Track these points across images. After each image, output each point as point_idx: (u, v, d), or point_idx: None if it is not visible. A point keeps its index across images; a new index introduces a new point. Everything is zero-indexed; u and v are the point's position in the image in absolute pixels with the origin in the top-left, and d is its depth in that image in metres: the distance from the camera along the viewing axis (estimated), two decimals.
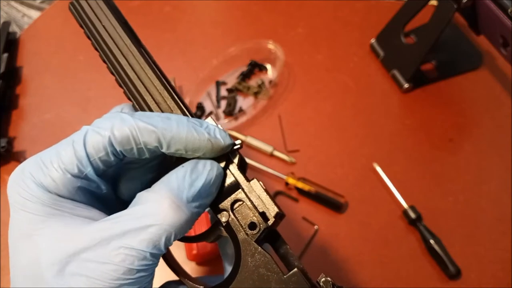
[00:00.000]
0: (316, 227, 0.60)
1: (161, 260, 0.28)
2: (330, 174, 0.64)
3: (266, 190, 0.29)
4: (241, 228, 0.28)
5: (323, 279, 0.27)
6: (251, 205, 0.29)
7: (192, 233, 0.54)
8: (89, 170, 0.26)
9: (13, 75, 0.76)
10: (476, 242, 0.59)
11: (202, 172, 0.27)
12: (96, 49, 0.31)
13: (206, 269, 0.57)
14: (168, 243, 0.25)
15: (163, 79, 0.31)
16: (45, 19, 0.84)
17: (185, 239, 0.31)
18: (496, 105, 0.71)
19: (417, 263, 0.58)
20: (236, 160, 0.29)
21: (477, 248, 0.58)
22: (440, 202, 0.62)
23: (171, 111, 0.30)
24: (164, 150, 0.26)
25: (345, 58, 0.76)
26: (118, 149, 0.26)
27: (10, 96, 0.74)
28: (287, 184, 0.62)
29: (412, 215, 0.59)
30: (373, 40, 0.76)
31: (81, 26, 0.31)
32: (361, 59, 0.76)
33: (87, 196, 0.27)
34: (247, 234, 0.28)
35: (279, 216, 0.29)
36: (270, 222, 0.28)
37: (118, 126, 0.26)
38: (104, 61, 0.31)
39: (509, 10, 0.56)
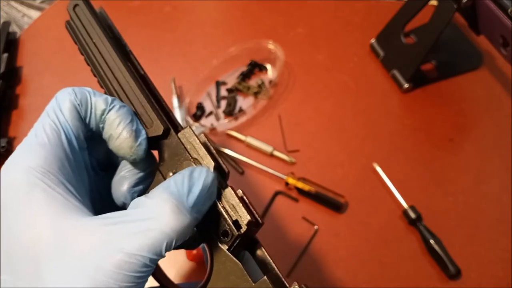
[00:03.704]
0: (316, 227, 0.60)
1: None
2: (330, 174, 0.64)
3: (241, 198, 0.29)
4: (215, 235, 0.29)
5: (293, 287, 0.27)
6: (224, 213, 0.29)
7: None
8: (70, 135, 0.27)
9: (13, 75, 0.76)
10: (476, 242, 0.59)
11: (198, 179, 0.26)
12: (88, 64, 0.33)
13: (206, 269, 0.56)
14: (168, 249, 0.24)
15: (147, 91, 0.32)
16: (45, 19, 0.84)
17: None
18: (496, 105, 0.71)
19: (417, 263, 0.58)
20: (211, 167, 0.30)
21: (477, 248, 0.58)
22: (440, 202, 0.62)
23: (152, 122, 0.30)
24: (103, 116, 0.29)
25: (345, 58, 0.76)
26: (78, 102, 0.28)
27: (10, 96, 0.74)
28: (287, 184, 0.62)
29: (412, 215, 0.59)
30: (373, 40, 0.76)
31: (75, 43, 0.33)
32: (361, 59, 0.76)
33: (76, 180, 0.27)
34: (220, 242, 0.29)
35: (253, 224, 0.29)
36: (242, 230, 0.28)
37: (78, 90, 0.29)
38: (95, 75, 0.33)
39: (509, 10, 0.56)
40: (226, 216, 0.29)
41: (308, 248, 0.59)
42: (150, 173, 0.31)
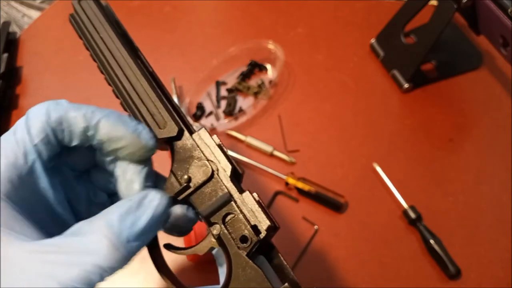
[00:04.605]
0: (316, 227, 0.60)
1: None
2: (330, 174, 0.64)
3: (259, 202, 0.29)
4: (232, 241, 0.28)
5: None
6: (243, 218, 0.28)
7: (193, 237, 0.54)
8: (33, 158, 0.26)
9: (13, 75, 0.76)
10: (476, 242, 0.59)
11: (147, 207, 0.26)
12: (94, 60, 0.32)
13: (206, 270, 0.57)
14: (100, 281, 0.24)
15: (158, 90, 0.31)
16: (45, 19, 0.84)
17: (176, 249, 0.31)
18: (496, 105, 0.71)
19: (417, 263, 0.58)
20: (228, 171, 0.29)
21: (477, 248, 0.58)
22: (440, 202, 0.62)
23: (165, 122, 0.30)
24: (90, 133, 0.27)
25: (345, 58, 0.76)
26: (52, 126, 0.26)
27: (10, 96, 0.73)
28: (287, 184, 0.62)
29: (412, 215, 0.59)
30: (373, 40, 0.76)
31: (80, 38, 0.32)
32: (361, 59, 0.76)
33: (31, 206, 0.26)
34: (238, 247, 0.28)
35: (272, 229, 0.29)
36: (261, 236, 0.28)
37: (53, 107, 0.27)
38: (102, 72, 0.31)
39: (509, 10, 0.56)
40: (244, 221, 0.28)
41: (308, 248, 0.59)
42: (150, 161, 0.30)
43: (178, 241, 0.52)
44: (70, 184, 0.30)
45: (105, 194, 0.33)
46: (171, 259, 0.35)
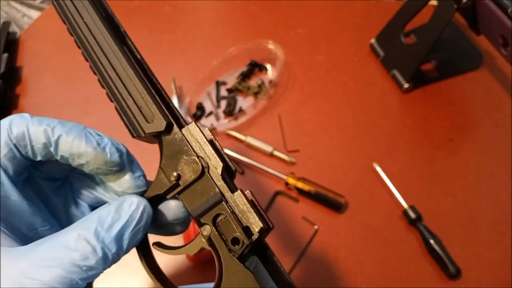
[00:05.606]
0: (316, 227, 0.60)
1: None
2: (330, 174, 0.64)
3: (252, 202, 0.28)
4: (223, 243, 0.27)
5: None
6: (234, 219, 0.27)
7: (192, 232, 0.54)
8: None
9: (13, 75, 0.76)
10: (476, 242, 0.59)
11: (126, 212, 0.26)
12: (78, 46, 0.29)
13: (205, 269, 0.56)
14: (83, 281, 0.24)
15: (146, 81, 0.29)
16: (45, 19, 0.85)
17: (165, 248, 0.30)
18: (496, 105, 0.71)
19: (417, 263, 0.58)
20: (219, 169, 0.28)
21: (477, 248, 0.58)
22: (440, 202, 0.62)
23: (153, 116, 0.28)
24: (52, 149, 0.26)
25: (345, 58, 0.76)
26: (13, 142, 0.26)
27: (10, 96, 0.74)
28: (287, 184, 0.62)
29: (412, 215, 0.59)
30: (373, 40, 0.76)
31: (64, 23, 0.30)
32: (361, 59, 0.76)
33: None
34: (229, 249, 0.27)
35: (264, 231, 0.27)
36: (254, 238, 0.27)
37: (16, 122, 0.26)
38: (86, 59, 0.29)
39: (509, 10, 0.56)
40: (236, 222, 0.27)
41: (308, 248, 0.59)
42: (130, 161, 0.29)
43: (178, 236, 0.52)
44: (47, 196, 0.30)
45: (87, 206, 0.32)
46: (170, 257, 0.35)
